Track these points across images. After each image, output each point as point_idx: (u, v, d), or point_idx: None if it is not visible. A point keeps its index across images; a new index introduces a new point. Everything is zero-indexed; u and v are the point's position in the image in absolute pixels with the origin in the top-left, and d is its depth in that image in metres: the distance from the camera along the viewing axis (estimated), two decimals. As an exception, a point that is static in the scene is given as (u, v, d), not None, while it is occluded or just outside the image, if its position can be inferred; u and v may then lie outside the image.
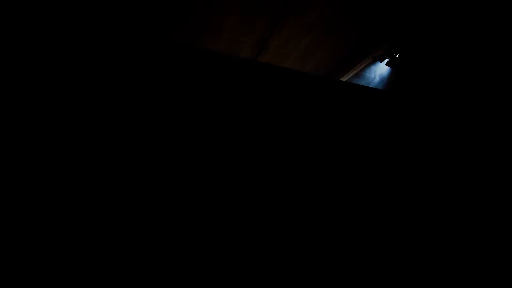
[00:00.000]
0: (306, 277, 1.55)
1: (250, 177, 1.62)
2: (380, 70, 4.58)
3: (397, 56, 4.26)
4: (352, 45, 5.13)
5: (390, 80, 4.42)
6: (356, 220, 1.79)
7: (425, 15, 3.94)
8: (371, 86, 4.82)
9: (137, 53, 1.64)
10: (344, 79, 5.57)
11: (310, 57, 5.49)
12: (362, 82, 5.13)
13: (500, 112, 2.73)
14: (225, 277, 1.39)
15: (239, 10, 4.37)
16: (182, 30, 4.73)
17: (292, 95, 1.90)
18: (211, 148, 1.60)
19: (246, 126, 1.73)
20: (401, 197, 1.93)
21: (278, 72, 1.93)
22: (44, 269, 1.14)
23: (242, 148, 1.67)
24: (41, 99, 1.39)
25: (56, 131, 1.37)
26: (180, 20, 4.51)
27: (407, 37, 4.24)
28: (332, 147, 1.88)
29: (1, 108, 1.31)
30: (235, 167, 1.61)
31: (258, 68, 1.89)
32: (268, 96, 1.84)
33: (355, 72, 5.30)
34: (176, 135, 1.56)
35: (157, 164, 1.48)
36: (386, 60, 4.31)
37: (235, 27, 4.72)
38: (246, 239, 1.51)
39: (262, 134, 1.74)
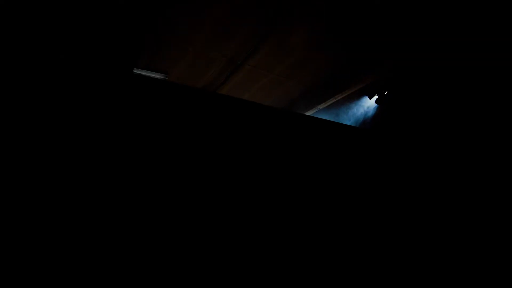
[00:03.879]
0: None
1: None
2: (366, 104, 4.17)
3: (385, 93, 3.89)
4: (336, 71, 4.70)
5: (375, 118, 4.04)
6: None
7: (419, 47, 3.62)
8: (351, 120, 4.41)
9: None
10: (322, 106, 5.13)
11: (286, 80, 4.94)
12: (342, 114, 4.71)
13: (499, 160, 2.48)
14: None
15: (214, 21, 3.62)
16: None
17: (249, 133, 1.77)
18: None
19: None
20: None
21: (237, 105, 1.77)
22: (44, 269, 1.16)
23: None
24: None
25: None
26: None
27: (398, 71, 3.89)
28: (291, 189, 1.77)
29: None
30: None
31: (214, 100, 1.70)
32: (219, 134, 1.67)
33: (335, 100, 4.87)
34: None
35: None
36: (375, 97, 3.90)
37: (206, 40, 3.95)
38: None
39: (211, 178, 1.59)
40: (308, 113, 5.28)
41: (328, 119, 4.97)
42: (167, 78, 4.24)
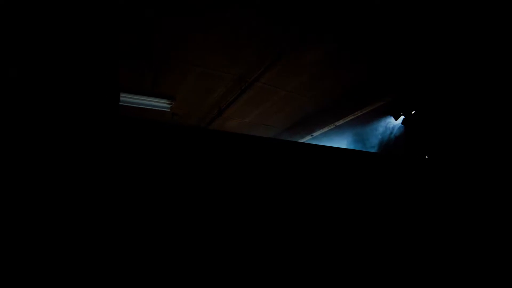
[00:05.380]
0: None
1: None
2: (391, 122, 3.79)
3: (412, 113, 3.49)
4: (354, 88, 4.31)
5: (401, 139, 3.65)
6: None
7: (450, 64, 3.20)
8: (373, 139, 4.02)
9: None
10: (339, 123, 4.76)
11: (300, 97, 4.59)
12: (363, 132, 4.33)
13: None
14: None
15: (221, 42, 3.32)
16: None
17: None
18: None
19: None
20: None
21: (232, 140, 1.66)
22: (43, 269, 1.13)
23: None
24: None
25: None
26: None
27: (427, 87, 3.48)
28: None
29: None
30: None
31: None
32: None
33: (354, 117, 4.49)
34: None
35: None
36: (402, 117, 3.51)
37: (213, 60, 3.65)
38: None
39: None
40: (325, 130, 4.92)
41: (348, 136, 4.60)
42: (173, 103, 3.98)
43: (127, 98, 3.90)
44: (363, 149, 3.97)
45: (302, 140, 5.52)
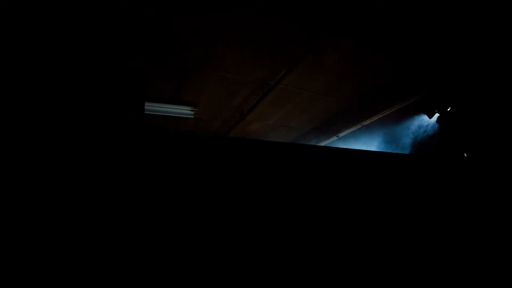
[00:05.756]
0: None
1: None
2: (424, 121, 3.56)
3: (448, 110, 3.25)
4: (382, 85, 4.10)
5: (433, 139, 3.41)
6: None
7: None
8: (405, 139, 3.80)
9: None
10: (367, 122, 4.55)
11: (324, 97, 4.43)
12: (393, 131, 4.11)
13: None
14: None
15: (241, 45, 3.26)
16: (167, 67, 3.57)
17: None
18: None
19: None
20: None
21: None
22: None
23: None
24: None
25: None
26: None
27: (463, 82, 3.23)
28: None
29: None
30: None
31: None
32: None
33: (382, 116, 4.27)
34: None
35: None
36: (436, 115, 3.29)
37: (234, 64, 3.61)
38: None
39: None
40: (352, 130, 4.74)
41: (377, 136, 4.40)
42: (196, 110, 3.98)
43: (151, 107, 3.94)
44: (396, 150, 3.76)
45: (328, 141, 5.35)
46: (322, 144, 5.55)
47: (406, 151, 3.67)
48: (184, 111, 4.15)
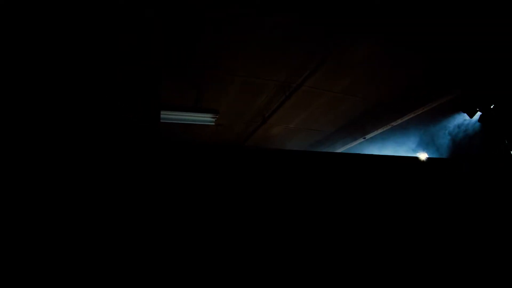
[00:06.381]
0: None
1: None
2: (462, 120, 3.28)
3: (491, 107, 2.96)
4: (412, 84, 3.83)
5: (474, 140, 3.12)
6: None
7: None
8: (441, 140, 3.52)
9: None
10: (396, 123, 4.28)
11: (348, 97, 4.21)
12: (429, 133, 3.83)
13: None
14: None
15: (260, 50, 3.12)
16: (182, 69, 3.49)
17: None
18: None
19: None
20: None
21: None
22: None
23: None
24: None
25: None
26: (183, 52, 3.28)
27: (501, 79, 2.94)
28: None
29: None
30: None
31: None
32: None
33: (414, 115, 4.00)
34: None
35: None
36: (478, 114, 3.00)
37: (254, 69, 3.47)
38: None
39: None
40: (379, 131, 4.48)
41: (410, 137, 4.12)
42: (217, 117, 3.88)
43: (171, 116, 3.89)
44: (433, 152, 3.49)
45: (355, 143, 5.11)
46: (349, 146, 5.31)
47: (444, 153, 3.39)
48: (205, 118, 4.07)
